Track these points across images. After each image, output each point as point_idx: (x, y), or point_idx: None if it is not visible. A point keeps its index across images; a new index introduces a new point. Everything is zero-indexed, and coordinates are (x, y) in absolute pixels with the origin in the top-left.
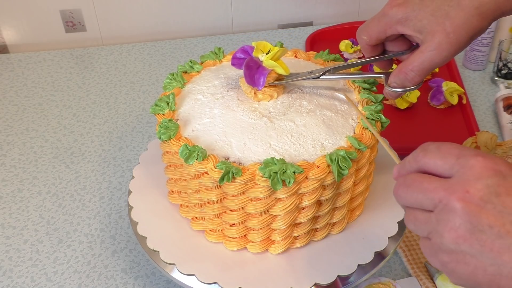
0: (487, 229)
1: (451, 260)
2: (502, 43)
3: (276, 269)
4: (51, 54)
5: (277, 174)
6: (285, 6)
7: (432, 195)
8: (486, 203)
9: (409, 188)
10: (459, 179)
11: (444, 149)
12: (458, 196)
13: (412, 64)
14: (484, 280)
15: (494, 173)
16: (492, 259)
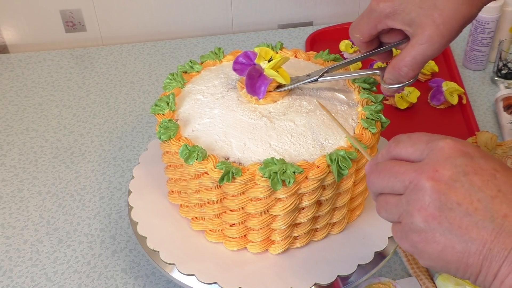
0: (456, 206)
1: (421, 240)
2: (502, 43)
3: (276, 269)
4: (51, 54)
5: (277, 174)
6: (285, 6)
7: (402, 177)
8: (454, 182)
9: (381, 173)
10: (429, 161)
11: (415, 137)
12: (427, 175)
13: (404, 60)
14: (453, 258)
15: (462, 154)
16: (460, 236)
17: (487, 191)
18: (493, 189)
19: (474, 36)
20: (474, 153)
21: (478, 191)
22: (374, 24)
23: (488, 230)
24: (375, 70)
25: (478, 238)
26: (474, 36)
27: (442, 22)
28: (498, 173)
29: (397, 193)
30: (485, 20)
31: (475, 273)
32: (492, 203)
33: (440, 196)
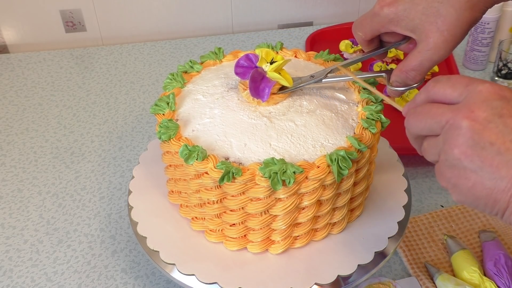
0: (488, 146)
1: (453, 176)
2: (502, 43)
3: (276, 269)
4: (51, 54)
5: (277, 174)
6: (285, 6)
7: (440, 118)
8: (489, 123)
9: (419, 115)
10: (466, 102)
11: (454, 79)
12: (463, 115)
13: (411, 64)
14: (482, 194)
15: (499, 97)
16: (491, 173)
17: None
18: None
19: (474, 36)
20: (511, 96)
21: (511, 132)
22: (377, 28)
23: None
24: (381, 72)
25: (507, 176)
26: (474, 36)
27: (446, 29)
28: None
29: (435, 134)
30: (485, 20)
31: (503, 208)
32: None
33: (474, 135)
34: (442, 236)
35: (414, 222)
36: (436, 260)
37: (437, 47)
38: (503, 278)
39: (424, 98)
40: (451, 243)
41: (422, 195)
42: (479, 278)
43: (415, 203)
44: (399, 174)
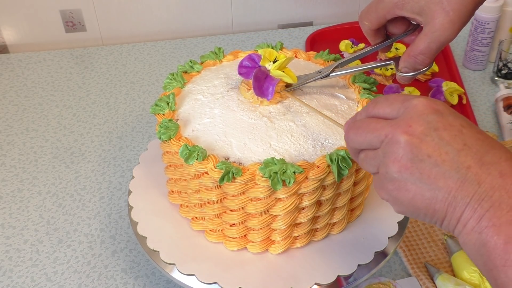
0: (426, 158)
1: (394, 188)
2: (502, 43)
3: (276, 269)
4: (51, 54)
5: (277, 174)
6: (285, 6)
7: (379, 132)
8: (426, 136)
9: (359, 129)
10: (403, 117)
11: (392, 98)
12: (402, 130)
13: (419, 48)
14: (422, 205)
15: (434, 111)
16: (429, 185)
17: (454, 144)
18: (460, 143)
19: (474, 36)
20: (444, 110)
21: (446, 144)
22: (383, 14)
23: (453, 180)
24: (389, 60)
25: (444, 186)
26: (474, 36)
27: (452, 9)
28: (465, 129)
29: (374, 147)
30: (485, 20)
31: (441, 218)
32: (458, 155)
33: (412, 149)
34: (442, 236)
35: (414, 222)
36: (436, 260)
37: (444, 27)
38: None
39: (364, 117)
40: (451, 243)
41: None
42: (479, 278)
43: None
44: None
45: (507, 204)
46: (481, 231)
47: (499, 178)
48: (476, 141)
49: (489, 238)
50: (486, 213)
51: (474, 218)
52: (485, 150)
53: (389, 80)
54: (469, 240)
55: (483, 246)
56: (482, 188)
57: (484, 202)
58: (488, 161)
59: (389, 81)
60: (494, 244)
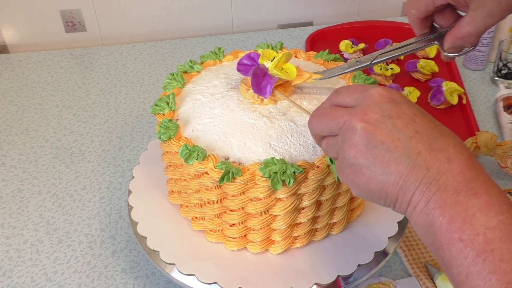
0: (380, 144)
1: (351, 172)
2: (502, 43)
3: (276, 269)
4: (51, 54)
5: (277, 174)
6: (285, 6)
7: (338, 119)
8: (380, 123)
9: (320, 117)
10: (361, 106)
11: (352, 88)
12: (358, 117)
13: (468, 30)
14: (375, 188)
15: (389, 100)
16: (382, 169)
17: (406, 132)
18: (412, 131)
19: None
20: (399, 99)
21: (399, 131)
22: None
23: (404, 165)
24: (432, 41)
25: (396, 171)
26: None
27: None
28: (417, 117)
29: (334, 134)
30: None
31: (393, 200)
32: (410, 142)
33: (367, 135)
34: None
35: None
36: (436, 260)
37: (494, 13)
38: None
39: (328, 106)
40: None
41: None
42: None
43: None
44: None
45: (452, 187)
46: (428, 213)
47: (446, 163)
48: (427, 129)
49: (435, 219)
50: (433, 196)
51: (423, 201)
52: (435, 137)
53: (389, 80)
54: (419, 221)
55: (430, 227)
56: (430, 173)
57: (431, 186)
58: (437, 147)
59: (389, 81)
60: (439, 224)
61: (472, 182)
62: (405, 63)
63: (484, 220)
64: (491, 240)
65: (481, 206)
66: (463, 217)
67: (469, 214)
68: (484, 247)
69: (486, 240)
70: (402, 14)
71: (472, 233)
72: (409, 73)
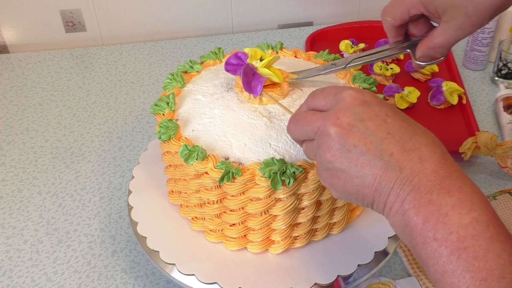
0: (353, 148)
1: (328, 176)
2: (502, 43)
3: (276, 269)
4: (51, 54)
5: (277, 174)
6: (285, 6)
7: (313, 124)
8: (352, 127)
9: (297, 122)
10: (334, 109)
11: (327, 91)
12: (331, 122)
13: (438, 42)
14: (352, 190)
15: (361, 103)
16: (356, 172)
17: (378, 134)
18: (384, 132)
19: (474, 36)
20: (371, 101)
21: (371, 134)
22: (407, 9)
23: (378, 167)
24: (405, 49)
25: (370, 173)
26: (474, 36)
27: (474, 14)
28: (389, 118)
29: (311, 138)
30: None
31: (370, 202)
32: (382, 143)
33: (340, 140)
34: None
35: None
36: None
37: (463, 28)
38: None
39: (305, 109)
40: None
41: None
42: None
43: None
44: None
45: (425, 187)
46: (403, 213)
47: (418, 163)
48: (400, 129)
49: (410, 219)
50: (407, 196)
51: (398, 202)
52: (407, 137)
53: (389, 80)
54: (395, 222)
55: (406, 227)
56: (403, 174)
57: (405, 186)
58: (409, 147)
59: (389, 81)
60: (414, 224)
61: (445, 180)
62: (405, 63)
63: (457, 218)
64: (464, 238)
65: (454, 204)
66: (436, 216)
67: (442, 213)
68: (457, 245)
69: (459, 238)
70: None
71: (446, 232)
72: (409, 73)
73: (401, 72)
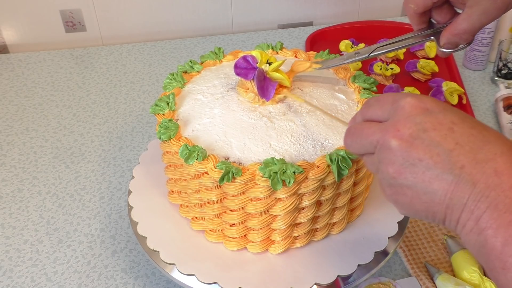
0: (418, 162)
1: (393, 193)
2: (502, 43)
3: (276, 269)
4: (51, 54)
5: (277, 174)
6: (285, 6)
7: (371, 138)
8: (414, 139)
9: (353, 136)
10: (392, 120)
11: (382, 99)
12: (391, 135)
13: (463, 27)
14: (420, 208)
15: (422, 111)
16: (424, 188)
17: (445, 145)
18: (451, 142)
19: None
20: (433, 107)
21: (437, 145)
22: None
23: (448, 182)
24: (429, 36)
25: (439, 189)
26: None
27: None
28: (456, 126)
29: (370, 152)
30: None
31: (442, 219)
32: (450, 156)
33: (403, 154)
34: (442, 236)
35: (414, 222)
36: (436, 260)
37: (489, 12)
38: None
39: (360, 119)
40: (451, 243)
41: None
42: (479, 278)
43: None
44: None
45: (504, 204)
46: (479, 233)
47: (494, 177)
48: (469, 138)
49: (488, 240)
50: (483, 214)
51: (472, 220)
52: (479, 146)
53: (389, 80)
54: (469, 240)
55: (482, 247)
56: (477, 189)
57: (480, 203)
58: (482, 158)
59: (389, 81)
60: (492, 246)
61: None
62: (405, 63)
63: None
64: None
65: None
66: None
67: None
68: None
69: None
70: (402, 14)
71: None
72: (409, 73)
73: (401, 72)
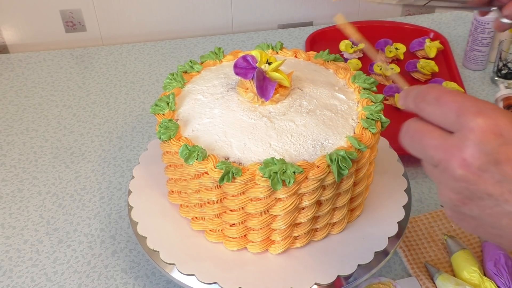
0: (486, 196)
1: (454, 217)
2: (502, 43)
3: (276, 269)
4: (51, 54)
5: (277, 174)
6: (285, 6)
7: (432, 153)
8: (484, 172)
9: (412, 139)
10: (458, 142)
11: (444, 103)
12: (457, 162)
13: None
14: (486, 237)
15: (494, 137)
16: (492, 223)
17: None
18: None
19: (474, 36)
20: (508, 133)
21: (510, 181)
22: None
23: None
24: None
25: (508, 225)
26: (474, 36)
27: None
28: None
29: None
30: (485, 20)
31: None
32: None
33: (469, 186)
34: (442, 236)
35: (414, 222)
36: (436, 260)
37: None
38: (503, 278)
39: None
40: (451, 243)
41: (422, 195)
42: (479, 278)
43: (415, 203)
44: (399, 174)
45: None
46: None
47: None
48: None
49: None
50: None
51: None
52: None
53: (389, 80)
54: None
55: None
56: None
57: None
58: None
59: (389, 81)
60: None
61: None
62: (405, 63)
63: None
64: None
65: None
66: None
67: None
68: None
69: None
70: (402, 14)
71: None
72: (409, 73)
73: (401, 72)
